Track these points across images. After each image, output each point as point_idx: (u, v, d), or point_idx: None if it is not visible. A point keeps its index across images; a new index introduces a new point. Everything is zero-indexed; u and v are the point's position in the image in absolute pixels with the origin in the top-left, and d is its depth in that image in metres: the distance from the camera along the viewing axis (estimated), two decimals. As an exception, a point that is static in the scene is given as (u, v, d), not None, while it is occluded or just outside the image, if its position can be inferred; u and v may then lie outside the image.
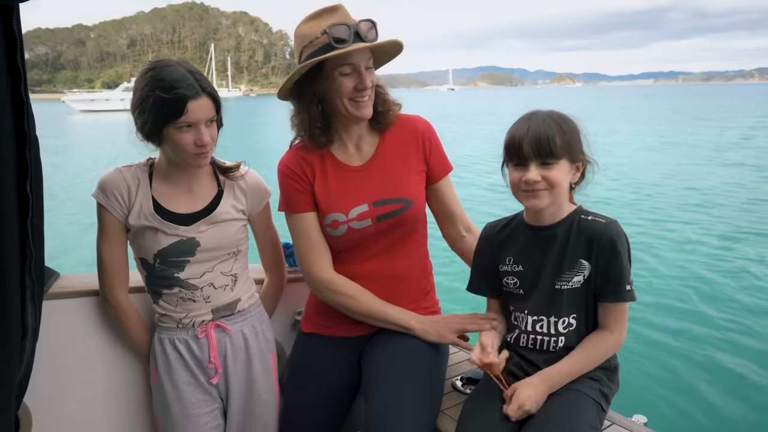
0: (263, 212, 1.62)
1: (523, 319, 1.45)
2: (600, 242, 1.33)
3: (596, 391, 1.36)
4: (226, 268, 1.53)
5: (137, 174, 1.48)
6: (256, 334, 1.60)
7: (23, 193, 1.10)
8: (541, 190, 1.32)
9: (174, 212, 1.47)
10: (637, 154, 17.96)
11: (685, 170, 14.51)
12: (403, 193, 1.56)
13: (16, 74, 1.03)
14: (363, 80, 1.47)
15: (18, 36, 1.00)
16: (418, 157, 1.61)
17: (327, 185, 1.58)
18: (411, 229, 1.60)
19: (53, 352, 1.53)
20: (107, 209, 1.44)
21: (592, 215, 1.38)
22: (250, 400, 1.57)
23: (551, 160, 1.31)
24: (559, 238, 1.38)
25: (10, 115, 1.03)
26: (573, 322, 1.39)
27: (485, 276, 1.53)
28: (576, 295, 1.38)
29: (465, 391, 1.66)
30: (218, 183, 1.54)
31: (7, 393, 1.20)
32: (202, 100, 1.35)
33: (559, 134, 1.32)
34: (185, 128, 1.35)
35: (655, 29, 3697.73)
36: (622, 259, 1.32)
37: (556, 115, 1.38)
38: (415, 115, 1.68)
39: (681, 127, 29.52)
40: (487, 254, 1.52)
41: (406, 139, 1.61)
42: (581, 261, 1.36)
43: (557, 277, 1.38)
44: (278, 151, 1.72)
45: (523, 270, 1.44)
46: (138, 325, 1.56)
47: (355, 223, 1.55)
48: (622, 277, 1.32)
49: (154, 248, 1.45)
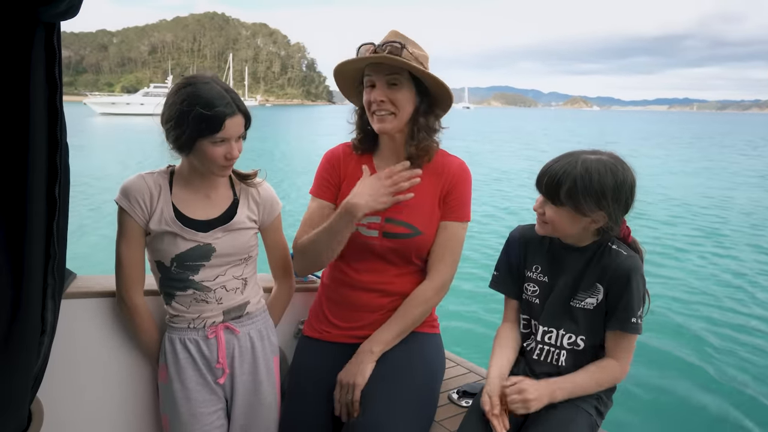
0: (274, 223, 1.68)
1: (537, 327, 1.49)
2: (616, 272, 1.37)
3: (593, 408, 1.41)
4: (237, 272, 1.59)
5: (159, 181, 1.54)
6: (262, 338, 1.65)
7: (51, 197, 1.16)
8: (544, 223, 1.42)
9: (192, 218, 1.53)
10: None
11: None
12: (415, 222, 1.62)
13: (53, 85, 1.09)
14: (375, 94, 1.57)
15: (57, 50, 1.07)
16: (440, 194, 1.66)
17: (354, 186, 1.65)
18: (415, 255, 1.65)
19: (66, 349, 1.58)
20: (129, 214, 1.50)
21: (618, 245, 1.42)
22: (253, 402, 1.61)
23: (556, 202, 1.37)
24: (583, 259, 1.43)
25: (44, 123, 1.10)
26: (581, 343, 1.43)
27: (511, 275, 1.57)
28: (587, 315, 1.42)
29: (461, 403, 1.69)
30: (234, 192, 1.61)
31: (25, 385, 1.25)
32: (237, 118, 1.44)
33: (573, 183, 1.31)
34: (219, 143, 1.43)
35: (671, 56, 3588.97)
36: (634, 292, 1.35)
37: (602, 164, 1.33)
38: (458, 160, 1.71)
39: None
40: (517, 254, 1.56)
41: (438, 175, 1.66)
42: (597, 284, 1.41)
43: (573, 294, 1.43)
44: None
45: (547, 281, 1.49)
46: (150, 325, 1.62)
47: (362, 228, 1.62)
48: (630, 308, 1.36)
49: (173, 252, 1.51)
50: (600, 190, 1.32)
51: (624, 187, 1.34)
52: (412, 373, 1.57)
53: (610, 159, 1.36)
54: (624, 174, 1.34)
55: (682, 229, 10.46)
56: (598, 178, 1.31)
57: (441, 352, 1.74)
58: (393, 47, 1.54)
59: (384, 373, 1.56)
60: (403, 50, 1.54)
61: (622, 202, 1.35)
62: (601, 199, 1.32)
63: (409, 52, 1.55)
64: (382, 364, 1.58)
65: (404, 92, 1.58)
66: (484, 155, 23.87)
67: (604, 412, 1.46)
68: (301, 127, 50.19)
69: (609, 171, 1.33)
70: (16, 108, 1.03)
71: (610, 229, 1.38)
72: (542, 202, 1.41)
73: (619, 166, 1.35)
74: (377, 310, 1.66)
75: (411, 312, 1.62)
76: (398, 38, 1.57)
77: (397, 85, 1.57)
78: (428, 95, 1.62)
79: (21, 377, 1.22)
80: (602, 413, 1.44)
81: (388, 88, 1.57)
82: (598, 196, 1.32)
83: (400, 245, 1.62)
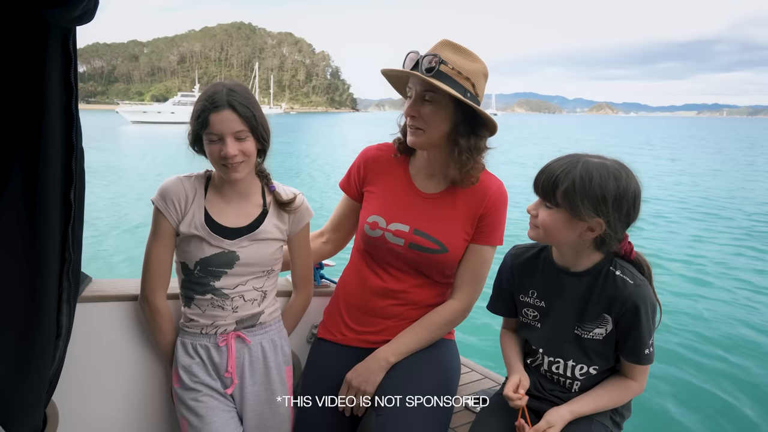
0: (302, 232, 1.67)
1: (543, 356, 1.44)
2: (624, 304, 1.29)
3: (609, 418, 1.38)
4: (258, 284, 1.59)
5: (195, 185, 1.56)
6: (274, 348, 1.63)
7: (67, 201, 1.17)
8: (535, 227, 1.33)
9: (221, 225, 1.53)
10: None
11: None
12: (443, 238, 1.58)
13: (69, 90, 1.10)
14: (408, 108, 1.51)
15: (73, 55, 1.08)
16: (474, 216, 1.59)
17: (386, 190, 1.66)
18: (438, 271, 1.62)
19: (81, 352, 1.59)
20: (164, 214, 1.51)
21: (622, 270, 1.32)
22: (265, 413, 1.59)
23: (552, 203, 1.28)
24: (585, 287, 1.35)
25: (61, 128, 1.11)
26: (593, 372, 1.39)
27: (504, 299, 1.54)
28: (597, 345, 1.36)
29: (476, 410, 1.67)
30: (264, 202, 1.59)
31: (40, 388, 1.26)
32: (225, 113, 1.41)
33: (572, 183, 1.22)
34: (215, 140, 1.44)
35: (700, 61, 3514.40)
36: (643, 324, 1.29)
37: (604, 167, 1.24)
38: (497, 182, 1.62)
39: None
40: (507, 280, 1.52)
41: (475, 196, 1.59)
42: (605, 315, 1.33)
43: (579, 325, 1.37)
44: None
45: (545, 307, 1.43)
46: (169, 328, 1.61)
47: (389, 235, 1.60)
48: (641, 342, 1.31)
49: (197, 256, 1.51)
50: (600, 194, 1.22)
51: (627, 194, 1.23)
52: (427, 378, 1.54)
53: (615, 164, 1.26)
54: (627, 181, 1.24)
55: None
56: (599, 181, 1.21)
57: (456, 358, 1.71)
58: (430, 61, 1.44)
59: (400, 378, 1.54)
60: (441, 65, 1.44)
61: (624, 212, 1.24)
62: (601, 203, 1.22)
63: (450, 68, 1.45)
64: (398, 368, 1.56)
65: (437, 110, 1.48)
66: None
67: (621, 423, 1.41)
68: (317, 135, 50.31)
69: (612, 175, 1.23)
70: (32, 112, 1.04)
71: (608, 242, 1.28)
72: (537, 203, 1.32)
73: (623, 173, 1.25)
74: (393, 317, 1.64)
75: (433, 330, 1.60)
76: (444, 50, 1.47)
77: (430, 101, 1.48)
78: (473, 115, 1.50)
79: (36, 380, 1.23)
80: (619, 424, 1.40)
81: (421, 103, 1.49)
82: (598, 200, 1.22)
83: (423, 259, 1.59)
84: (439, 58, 1.44)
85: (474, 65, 1.49)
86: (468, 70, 1.47)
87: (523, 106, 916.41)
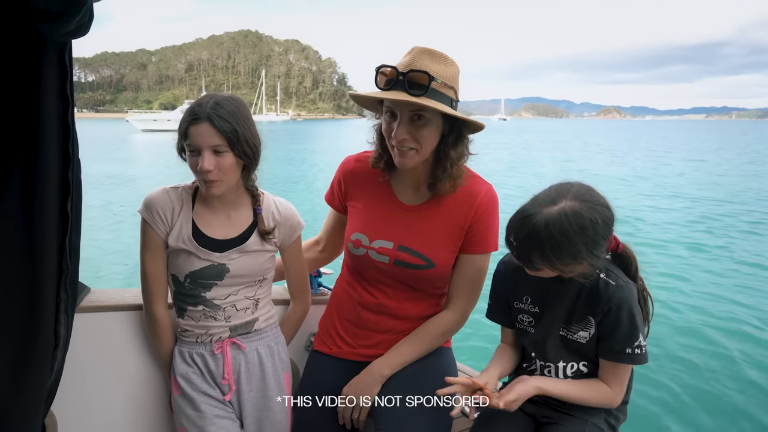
0: (294, 243, 1.66)
1: (533, 359, 1.46)
2: (607, 305, 1.31)
3: (603, 420, 1.38)
4: (250, 293, 1.58)
5: (182, 196, 1.54)
6: (271, 354, 1.62)
7: (64, 212, 1.18)
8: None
9: (210, 237, 1.52)
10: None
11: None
12: (429, 253, 1.53)
13: (65, 102, 1.11)
14: (397, 132, 1.39)
15: (69, 67, 1.09)
16: (462, 225, 1.52)
17: (368, 205, 1.61)
18: (429, 285, 1.59)
19: (79, 362, 1.59)
20: (151, 226, 1.51)
21: (607, 273, 1.34)
22: (263, 420, 1.59)
23: (535, 268, 1.28)
24: (573, 290, 1.37)
25: (57, 140, 1.12)
26: (583, 369, 1.41)
27: (500, 307, 1.54)
28: (582, 347, 1.38)
29: (474, 416, 1.67)
30: (254, 213, 1.58)
31: (38, 399, 1.26)
32: (202, 127, 1.38)
33: (542, 249, 1.21)
34: (194, 153, 1.41)
35: (709, 64, 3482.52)
36: (624, 324, 1.30)
37: (565, 216, 1.19)
38: (486, 186, 1.54)
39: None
40: (501, 287, 1.52)
41: (461, 205, 1.52)
42: (589, 318, 1.35)
43: (567, 327, 1.39)
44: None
45: (539, 312, 1.44)
46: (169, 337, 1.61)
47: (373, 253, 1.57)
48: (623, 340, 1.31)
49: (187, 269, 1.51)
50: (573, 249, 1.20)
51: (596, 228, 1.20)
52: (425, 386, 1.52)
53: (574, 203, 1.21)
54: (592, 214, 1.20)
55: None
56: (567, 238, 1.18)
57: (453, 366, 1.70)
58: (418, 79, 1.33)
59: (397, 387, 1.53)
60: (432, 82, 1.33)
61: (600, 243, 1.23)
62: (577, 255, 1.21)
63: (440, 82, 1.35)
64: (396, 377, 1.55)
65: (430, 128, 1.39)
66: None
67: (617, 426, 1.41)
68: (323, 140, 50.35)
69: (574, 224, 1.19)
70: (29, 124, 1.05)
71: (596, 264, 1.28)
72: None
73: (585, 208, 1.20)
74: (388, 331, 1.62)
75: (428, 342, 1.59)
76: (424, 60, 1.35)
77: (421, 121, 1.38)
78: (459, 123, 1.43)
79: (34, 391, 1.23)
80: (614, 427, 1.40)
81: (410, 124, 1.38)
82: (573, 254, 1.21)
83: (410, 276, 1.55)
84: (428, 74, 1.33)
85: (451, 69, 1.40)
86: (449, 77, 1.39)
87: (530, 111, 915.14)
